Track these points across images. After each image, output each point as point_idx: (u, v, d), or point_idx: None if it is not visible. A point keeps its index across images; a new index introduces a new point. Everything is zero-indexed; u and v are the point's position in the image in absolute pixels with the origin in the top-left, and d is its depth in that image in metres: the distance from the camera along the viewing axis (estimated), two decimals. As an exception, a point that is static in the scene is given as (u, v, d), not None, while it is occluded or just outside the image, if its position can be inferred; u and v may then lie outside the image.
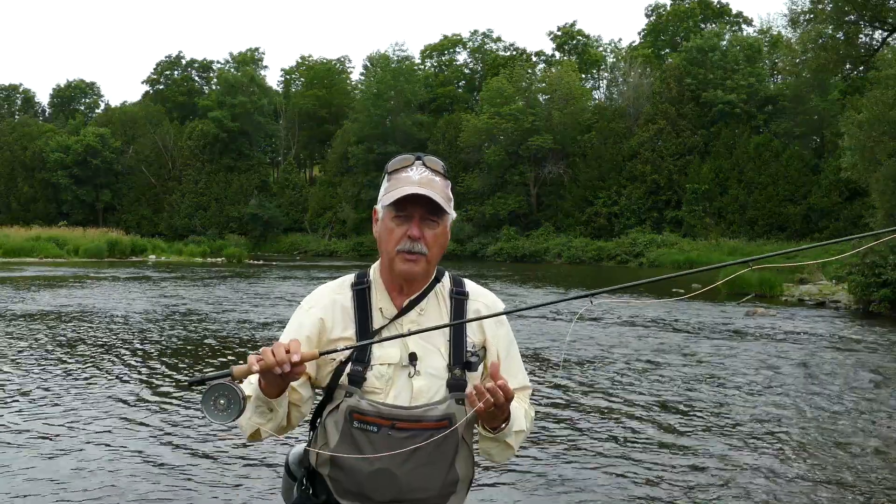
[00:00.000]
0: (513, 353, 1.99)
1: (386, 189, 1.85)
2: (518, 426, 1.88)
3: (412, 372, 1.83)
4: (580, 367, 9.20)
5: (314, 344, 1.88)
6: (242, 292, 19.38)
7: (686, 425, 6.50)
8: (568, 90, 50.40)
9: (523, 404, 1.97)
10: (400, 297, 1.91)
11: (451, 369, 1.85)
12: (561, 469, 5.27)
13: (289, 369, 1.64)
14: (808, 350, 10.81)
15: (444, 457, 1.83)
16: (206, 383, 1.64)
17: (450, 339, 1.88)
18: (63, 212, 62.49)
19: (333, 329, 1.89)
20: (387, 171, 1.89)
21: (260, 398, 1.76)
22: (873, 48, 24.88)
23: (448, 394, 1.83)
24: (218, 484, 4.89)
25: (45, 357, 9.29)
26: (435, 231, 1.84)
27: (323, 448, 1.86)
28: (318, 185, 65.08)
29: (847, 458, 5.62)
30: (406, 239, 1.82)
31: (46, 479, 4.86)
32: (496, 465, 4.99)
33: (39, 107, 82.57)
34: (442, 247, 1.89)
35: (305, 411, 1.91)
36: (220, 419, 1.63)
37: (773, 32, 50.16)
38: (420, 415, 1.80)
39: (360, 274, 1.97)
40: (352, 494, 1.83)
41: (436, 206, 1.81)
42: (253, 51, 71.96)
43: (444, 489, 1.85)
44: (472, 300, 1.96)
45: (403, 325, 1.88)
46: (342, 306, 1.91)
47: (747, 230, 42.36)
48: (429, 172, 1.85)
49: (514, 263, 43.59)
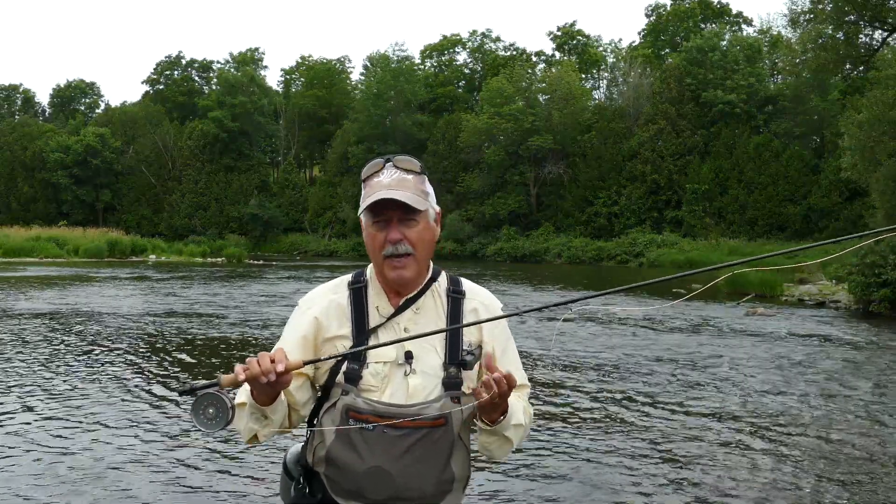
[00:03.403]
0: (510, 350, 1.99)
1: (362, 197, 1.86)
2: (516, 420, 1.88)
3: (408, 370, 1.83)
4: (575, 366, 9.20)
5: (311, 344, 1.88)
6: (242, 292, 19.39)
7: (685, 425, 6.50)
8: (568, 90, 50.37)
9: (521, 401, 1.96)
10: (396, 297, 1.91)
11: (447, 368, 1.85)
12: (557, 466, 5.27)
13: (274, 378, 1.64)
14: (808, 350, 10.81)
15: (440, 455, 1.83)
16: (195, 393, 1.65)
17: (446, 338, 1.88)
18: (63, 212, 62.43)
19: (329, 328, 1.89)
20: (362, 179, 1.88)
21: (253, 406, 1.76)
22: (873, 48, 24.89)
23: (443, 392, 1.83)
24: (217, 483, 4.89)
25: (45, 357, 9.29)
26: (416, 229, 1.84)
27: (319, 447, 1.86)
28: (318, 185, 65.06)
29: (847, 457, 5.62)
30: (388, 244, 1.82)
31: (47, 479, 4.86)
32: (497, 462, 4.99)
33: (39, 107, 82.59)
34: (429, 242, 1.88)
35: (306, 413, 1.91)
36: (209, 428, 1.65)
37: (773, 32, 50.14)
38: (416, 413, 1.80)
39: (358, 273, 1.98)
40: (348, 493, 1.83)
41: (410, 206, 1.80)
42: (253, 51, 71.97)
43: (439, 487, 1.85)
44: (468, 299, 1.96)
45: (400, 323, 1.88)
46: (338, 305, 1.91)
47: (747, 230, 42.35)
48: (399, 173, 1.84)
49: (514, 263, 43.59)
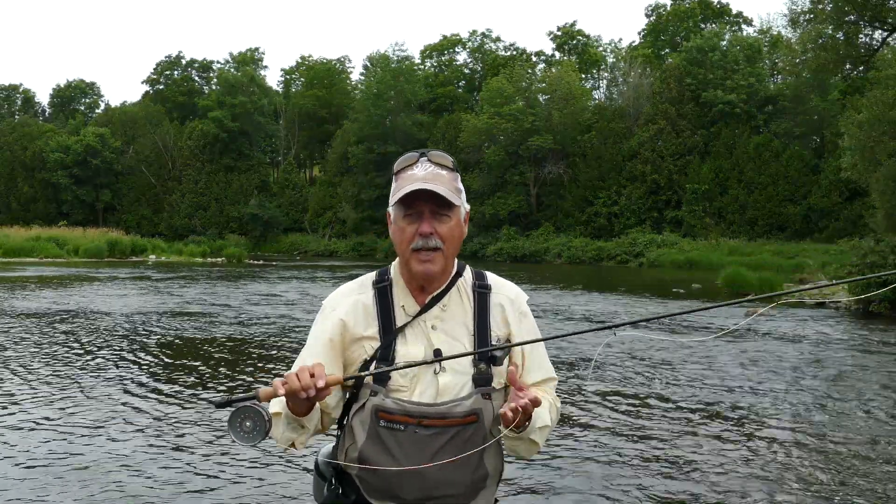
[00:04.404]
0: (538, 344, 1.96)
1: (394, 190, 1.84)
2: (542, 422, 1.85)
3: (437, 368, 1.81)
4: (572, 365, 9.21)
5: (338, 347, 1.87)
6: (242, 292, 19.39)
7: (683, 424, 6.52)
8: (568, 90, 50.34)
9: (548, 396, 1.95)
10: (421, 294, 1.89)
11: (477, 364, 1.83)
12: (555, 468, 5.29)
13: (314, 394, 1.64)
14: (808, 350, 10.83)
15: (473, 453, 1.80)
16: (232, 405, 1.64)
17: (474, 334, 1.86)
18: (63, 212, 62.45)
19: (356, 329, 1.87)
20: (394, 172, 1.87)
21: (289, 416, 1.77)
22: (873, 48, 24.87)
23: (474, 389, 1.82)
24: (245, 484, 4.89)
25: (46, 357, 9.30)
26: (448, 224, 1.81)
27: (351, 448, 1.85)
28: (318, 185, 65.06)
29: (847, 457, 5.64)
30: (418, 237, 1.79)
31: (47, 479, 4.86)
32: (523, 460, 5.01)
33: (39, 107, 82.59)
34: (458, 240, 1.86)
35: (336, 415, 1.90)
36: (246, 441, 1.63)
37: (773, 32, 50.15)
38: (446, 411, 1.78)
39: (382, 271, 1.95)
40: (381, 493, 1.82)
41: (444, 200, 1.77)
42: (253, 51, 71.97)
43: (473, 485, 1.83)
44: (494, 293, 1.93)
45: (427, 321, 1.86)
46: (364, 305, 1.89)
47: (747, 230, 42.35)
48: (434, 167, 1.82)
49: (514, 263, 43.56)
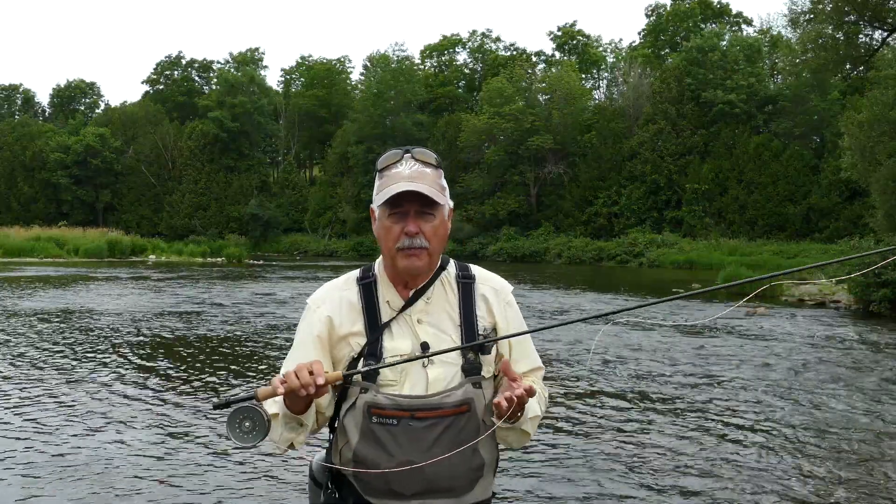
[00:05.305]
0: (524, 335, 1.97)
1: (378, 187, 1.83)
2: (533, 413, 1.87)
3: (426, 361, 1.81)
4: (570, 364, 9.21)
5: (325, 344, 1.87)
6: (242, 292, 19.39)
7: (683, 424, 6.51)
8: (568, 90, 50.35)
9: (536, 386, 1.94)
10: (405, 289, 1.89)
11: (465, 354, 1.84)
12: (552, 467, 5.28)
13: (314, 391, 1.64)
14: (808, 350, 10.83)
15: (467, 442, 1.80)
16: (230, 406, 1.62)
17: (460, 325, 1.87)
18: (63, 212, 62.42)
19: (342, 325, 1.87)
20: (377, 169, 1.85)
21: (287, 416, 1.77)
22: (873, 48, 24.86)
23: (464, 378, 1.82)
24: (244, 487, 4.89)
25: (45, 357, 9.30)
26: (432, 223, 1.82)
27: (345, 448, 1.84)
28: (318, 185, 65.04)
29: (847, 457, 5.64)
30: (404, 236, 1.80)
31: (46, 479, 4.86)
32: (514, 450, 5.01)
33: (39, 107, 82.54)
34: (442, 238, 1.86)
35: (330, 413, 1.90)
36: (245, 442, 1.62)
37: (773, 32, 50.13)
38: (438, 402, 1.78)
39: (366, 268, 1.95)
40: (379, 492, 1.81)
41: (429, 199, 1.78)
42: (253, 51, 71.99)
43: (470, 475, 1.84)
44: (479, 283, 1.94)
45: (412, 315, 1.86)
46: (349, 302, 1.89)
47: (747, 230, 42.33)
48: (419, 165, 1.81)
49: (514, 263, 43.57)
